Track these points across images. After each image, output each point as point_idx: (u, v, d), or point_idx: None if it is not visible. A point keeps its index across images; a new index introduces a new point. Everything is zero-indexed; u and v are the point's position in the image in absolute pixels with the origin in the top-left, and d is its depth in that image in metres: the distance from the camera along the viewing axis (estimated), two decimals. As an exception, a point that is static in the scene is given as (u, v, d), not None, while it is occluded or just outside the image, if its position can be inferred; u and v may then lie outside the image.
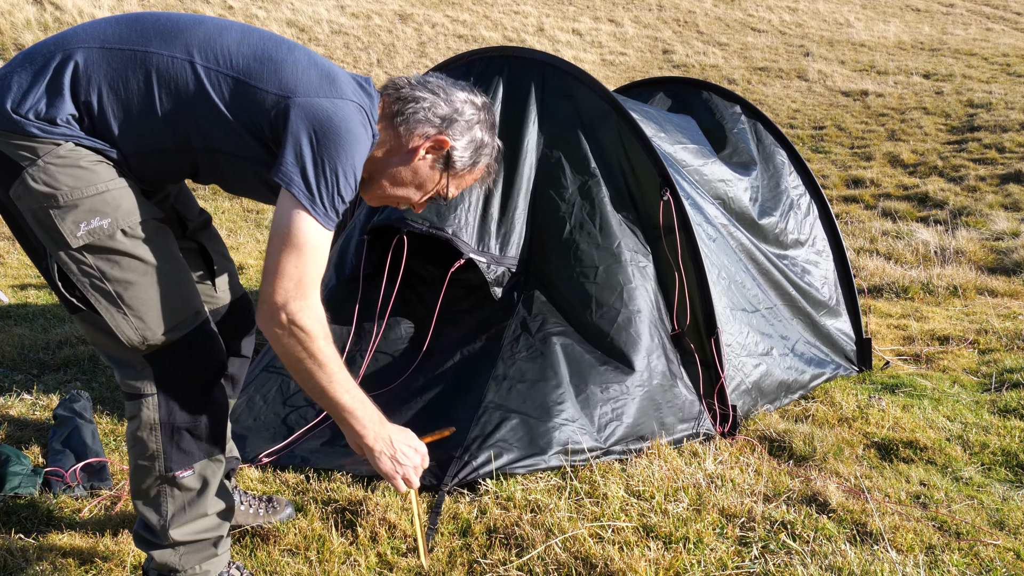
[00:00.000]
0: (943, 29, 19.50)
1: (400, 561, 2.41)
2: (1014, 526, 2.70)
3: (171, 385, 1.98)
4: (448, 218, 3.46)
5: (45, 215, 1.83)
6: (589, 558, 2.39)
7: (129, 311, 1.90)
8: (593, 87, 3.65)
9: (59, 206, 1.82)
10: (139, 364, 1.96)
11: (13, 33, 12.08)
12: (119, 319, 1.90)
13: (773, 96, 14.43)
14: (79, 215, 1.83)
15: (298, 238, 1.82)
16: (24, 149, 1.80)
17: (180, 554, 2.06)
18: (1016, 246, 7.13)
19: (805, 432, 3.32)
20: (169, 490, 2.02)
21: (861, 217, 8.86)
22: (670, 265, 3.48)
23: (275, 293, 1.82)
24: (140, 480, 2.02)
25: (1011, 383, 4.09)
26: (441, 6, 18.81)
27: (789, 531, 2.58)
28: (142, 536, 2.08)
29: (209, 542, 2.10)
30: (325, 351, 1.88)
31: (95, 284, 1.88)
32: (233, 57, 1.89)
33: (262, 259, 3.19)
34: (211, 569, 2.11)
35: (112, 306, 1.90)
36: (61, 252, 1.86)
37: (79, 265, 1.87)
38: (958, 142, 11.42)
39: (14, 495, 2.69)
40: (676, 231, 3.45)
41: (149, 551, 2.07)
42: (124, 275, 1.90)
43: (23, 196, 1.83)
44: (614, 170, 3.60)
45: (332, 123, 1.85)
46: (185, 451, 2.01)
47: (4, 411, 3.45)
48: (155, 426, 1.98)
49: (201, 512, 2.06)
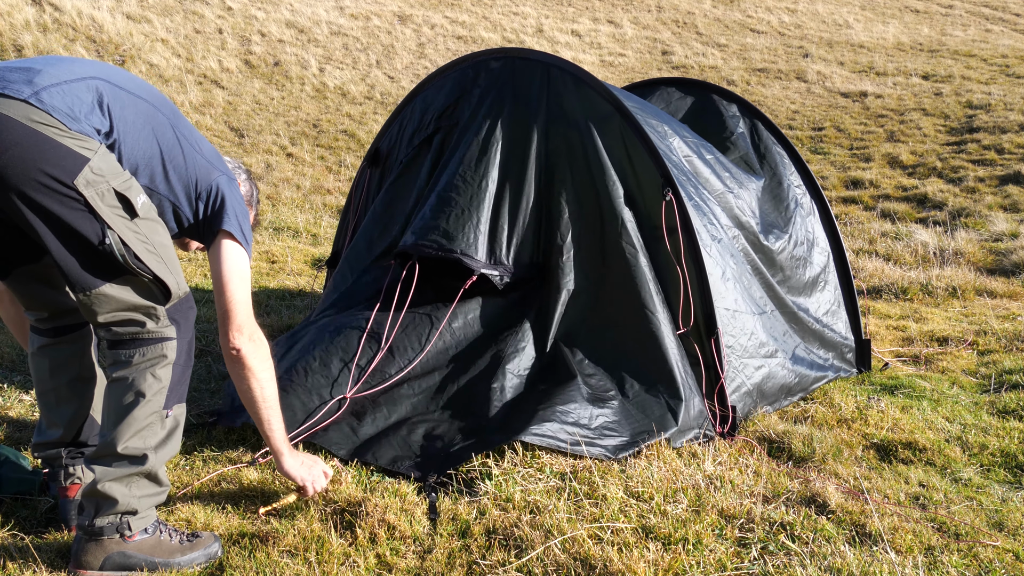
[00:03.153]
0: (942, 30, 19.51)
1: (399, 562, 2.41)
2: (1013, 527, 2.70)
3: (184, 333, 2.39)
4: (457, 238, 3.50)
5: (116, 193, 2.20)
6: (588, 559, 2.39)
7: (171, 266, 2.33)
8: (596, 88, 3.66)
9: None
10: (163, 315, 2.33)
11: (12, 34, 12.07)
12: (167, 274, 2.31)
13: (772, 97, 14.43)
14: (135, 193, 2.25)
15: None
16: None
17: (141, 495, 2.32)
18: (1015, 247, 7.13)
19: (804, 433, 3.32)
20: (159, 423, 2.33)
21: (860, 218, 8.87)
22: (672, 266, 3.49)
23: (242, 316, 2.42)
24: (136, 415, 2.28)
25: (1010, 384, 4.09)
26: (440, 7, 18.82)
27: (788, 532, 2.58)
28: (112, 476, 2.28)
29: (161, 491, 2.39)
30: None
31: (148, 248, 2.26)
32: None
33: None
34: (150, 516, 2.38)
35: (161, 264, 2.30)
36: (125, 224, 2.21)
37: (135, 233, 2.23)
38: (957, 143, 11.42)
39: (13, 496, 2.69)
40: (678, 231, 3.46)
41: (113, 495, 2.28)
42: (160, 239, 2.32)
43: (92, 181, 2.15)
44: (617, 171, 3.61)
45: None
46: (177, 392, 2.37)
47: (3, 412, 3.45)
48: (171, 364, 2.33)
49: (172, 450, 2.38)
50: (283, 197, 9.25)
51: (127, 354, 2.29)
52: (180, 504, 2.70)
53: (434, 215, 3.56)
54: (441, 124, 3.89)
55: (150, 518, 2.38)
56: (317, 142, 11.71)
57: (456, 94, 3.90)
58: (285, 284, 6.06)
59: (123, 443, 2.27)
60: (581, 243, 3.59)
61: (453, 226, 3.52)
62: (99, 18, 13.17)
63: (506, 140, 3.67)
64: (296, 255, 6.96)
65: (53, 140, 2.09)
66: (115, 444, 2.27)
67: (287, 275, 6.36)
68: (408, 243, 3.54)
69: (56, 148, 2.10)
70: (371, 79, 14.37)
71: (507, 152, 3.67)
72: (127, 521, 2.31)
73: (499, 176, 3.65)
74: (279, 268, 6.58)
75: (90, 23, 13.02)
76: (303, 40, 15.41)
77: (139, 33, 13.31)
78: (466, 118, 3.79)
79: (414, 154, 3.97)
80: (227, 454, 3.09)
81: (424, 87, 4.09)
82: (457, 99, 3.89)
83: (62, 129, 2.11)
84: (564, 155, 3.66)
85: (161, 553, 2.36)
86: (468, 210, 3.54)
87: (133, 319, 2.29)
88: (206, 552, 2.41)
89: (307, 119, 12.69)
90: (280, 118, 12.48)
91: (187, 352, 2.40)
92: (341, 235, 4.34)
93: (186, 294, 2.39)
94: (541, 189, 3.66)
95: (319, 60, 14.69)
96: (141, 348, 2.30)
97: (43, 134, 2.08)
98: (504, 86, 3.76)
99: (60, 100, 2.15)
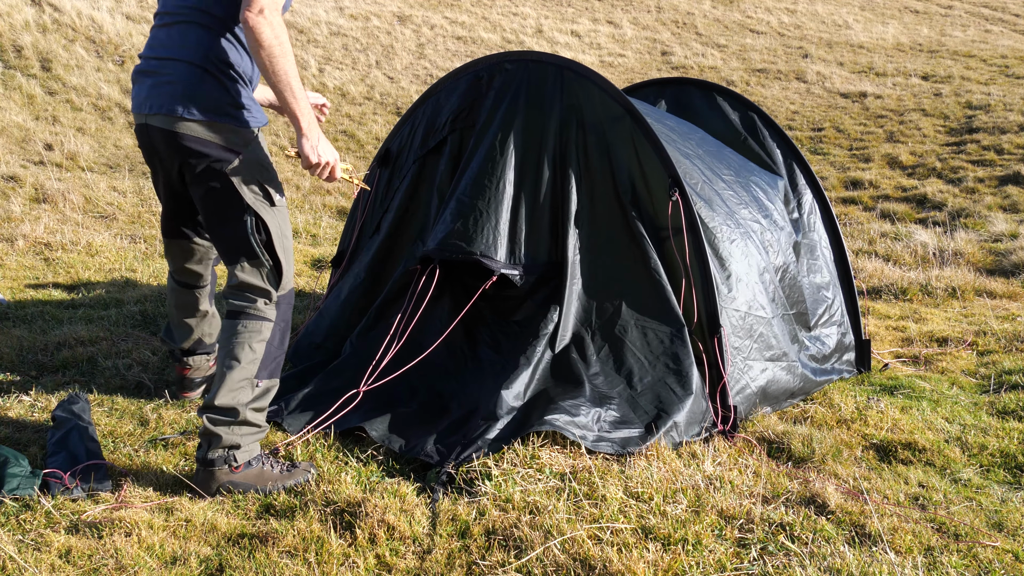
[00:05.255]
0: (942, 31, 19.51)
1: (399, 563, 2.41)
2: (1012, 527, 2.70)
3: (282, 319, 2.92)
4: (476, 240, 3.59)
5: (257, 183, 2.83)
6: (588, 559, 2.39)
7: (287, 259, 2.90)
8: (608, 90, 3.71)
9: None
10: (272, 300, 2.89)
11: (12, 35, 12.07)
12: (286, 265, 2.89)
13: (772, 98, 14.44)
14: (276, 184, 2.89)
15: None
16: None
17: (241, 435, 2.84)
18: (1014, 248, 7.13)
19: (804, 434, 3.32)
20: (250, 388, 2.85)
21: (860, 219, 8.87)
22: (677, 265, 3.54)
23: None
24: (232, 377, 2.81)
25: (1010, 385, 4.09)
26: (440, 8, 18.81)
27: (788, 532, 2.58)
28: (217, 421, 2.81)
29: (260, 431, 2.92)
30: (290, 48, 2.64)
31: (276, 238, 2.86)
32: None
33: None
34: (254, 449, 2.90)
35: (284, 256, 2.89)
36: (262, 209, 2.83)
37: (273, 220, 2.86)
38: (957, 144, 11.43)
39: (13, 496, 2.69)
40: (684, 232, 3.48)
41: (219, 433, 2.80)
42: (287, 231, 2.92)
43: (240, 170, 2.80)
44: (626, 172, 3.66)
45: None
46: (268, 368, 2.90)
47: (3, 412, 3.44)
48: (265, 341, 2.86)
49: (262, 407, 2.90)
50: (283, 198, 9.25)
51: (237, 325, 2.86)
52: (180, 504, 2.70)
53: (454, 219, 3.64)
54: (456, 126, 3.95)
55: (253, 452, 2.89)
56: (317, 142, 11.71)
57: (471, 97, 3.95)
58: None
59: (220, 399, 2.79)
60: (594, 243, 3.66)
61: (472, 229, 3.61)
62: (99, 18, 13.17)
63: (521, 142, 3.74)
64: (296, 255, 6.97)
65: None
66: (214, 399, 2.80)
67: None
68: (431, 248, 3.64)
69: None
70: (370, 79, 14.37)
71: (522, 154, 3.73)
72: (233, 454, 2.83)
73: (516, 178, 3.71)
74: (279, 268, 6.58)
75: (90, 23, 13.02)
76: (302, 40, 15.41)
77: (139, 34, 13.31)
78: (481, 121, 3.84)
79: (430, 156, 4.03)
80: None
81: (437, 89, 4.12)
82: (472, 102, 3.94)
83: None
84: (577, 156, 3.72)
85: (263, 481, 2.86)
86: (487, 213, 3.63)
87: (249, 296, 2.88)
88: (305, 477, 2.91)
89: (307, 119, 12.68)
90: (279, 119, 12.48)
91: (281, 335, 2.92)
92: (348, 234, 4.36)
93: (291, 290, 2.94)
94: (556, 190, 3.72)
95: (319, 60, 14.68)
96: (248, 320, 2.85)
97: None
98: (519, 89, 3.81)
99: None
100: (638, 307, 3.54)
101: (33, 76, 11.49)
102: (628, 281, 3.58)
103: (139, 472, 2.94)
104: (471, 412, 3.35)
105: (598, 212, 3.68)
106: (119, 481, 2.87)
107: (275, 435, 3.29)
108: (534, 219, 3.70)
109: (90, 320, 4.87)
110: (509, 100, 3.79)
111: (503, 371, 3.46)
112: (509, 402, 3.30)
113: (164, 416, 3.43)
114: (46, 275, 5.99)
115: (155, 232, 7.40)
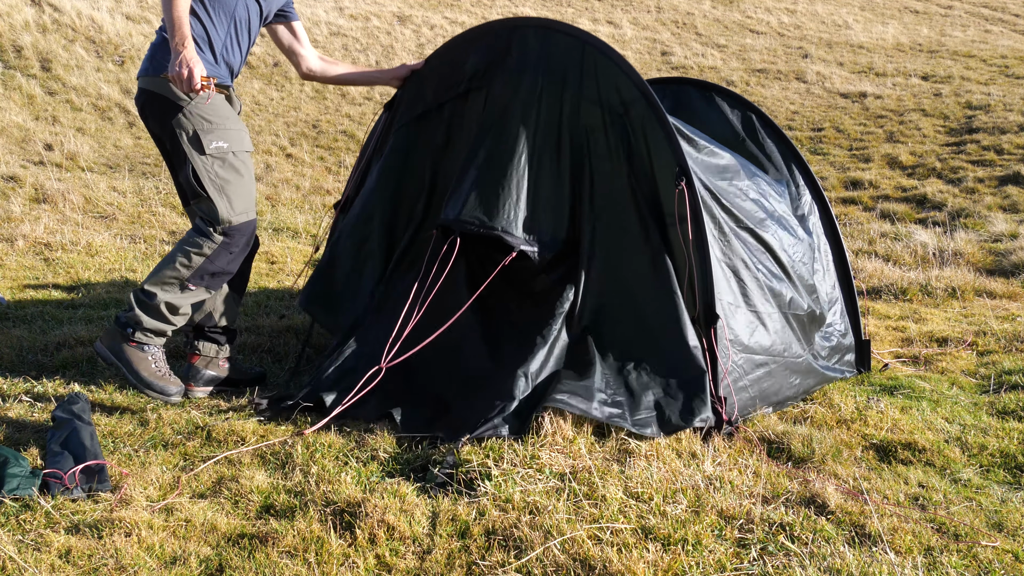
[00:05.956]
0: (941, 31, 19.52)
1: (399, 563, 2.41)
2: (1012, 528, 2.70)
3: (229, 244, 3.52)
4: (497, 215, 3.64)
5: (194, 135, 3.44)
6: (588, 560, 2.39)
7: (222, 198, 3.48)
8: (626, 71, 3.72)
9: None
10: (217, 227, 3.49)
11: (12, 35, 12.07)
12: (220, 203, 3.47)
13: (771, 98, 14.43)
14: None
15: None
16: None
17: (146, 319, 3.46)
18: (1014, 248, 7.13)
19: (804, 434, 3.32)
20: (179, 287, 3.50)
21: (859, 219, 8.87)
22: (681, 253, 3.57)
23: None
24: (165, 271, 3.47)
25: (1009, 385, 4.09)
26: (440, 8, 18.81)
27: (788, 533, 2.58)
28: (138, 298, 3.48)
29: (163, 326, 3.52)
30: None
31: (206, 181, 3.46)
32: None
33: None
34: (152, 340, 3.51)
35: (218, 195, 3.47)
36: (193, 157, 3.44)
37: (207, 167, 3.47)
38: (956, 144, 11.43)
39: (13, 497, 2.69)
40: (688, 220, 3.51)
41: (133, 305, 3.46)
42: (229, 175, 3.50)
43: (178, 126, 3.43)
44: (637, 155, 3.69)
45: None
46: (205, 280, 3.52)
47: (2, 412, 3.45)
48: (204, 256, 3.48)
49: (180, 307, 3.53)
50: (283, 198, 9.25)
51: (187, 235, 3.51)
52: (180, 504, 2.70)
53: (473, 191, 3.68)
54: (472, 86, 3.95)
55: (152, 341, 3.50)
56: (316, 143, 11.71)
57: (488, 58, 3.93)
58: (284, 284, 6.06)
59: (148, 284, 3.47)
60: (608, 224, 3.70)
61: (493, 203, 3.66)
62: (98, 19, 13.17)
63: (541, 117, 3.76)
64: (295, 256, 6.96)
65: None
66: (145, 282, 3.48)
67: (286, 275, 6.36)
68: (450, 218, 3.68)
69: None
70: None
71: (542, 129, 3.76)
72: (132, 330, 3.46)
73: (535, 154, 3.74)
74: (279, 268, 6.58)
75: (89, 23, 13.01)
76: (303, 41, 15.40)
77: (138, 34, 13.31)
78: (499, 89, 3.84)
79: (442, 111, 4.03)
80: (227, 455, 3.09)
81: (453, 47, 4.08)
82: (488, 64, 3.93)
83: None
84: (593, 134, 3.74)
85: (139, 365, 3.45)
86: (508, 188, 3.67)
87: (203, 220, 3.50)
88: (173, 391, 3.49)
89: (306, 120, 12.70)
90: (279, 119, 12.49)
91: (228, 257, 3.54)
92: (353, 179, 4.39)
93: (242, 224, 3.53)
94: (574, 167, 3.76)
95: (319, 61, 14.67)
96: (205, 227, 3.49)
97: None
98: (539, 60, 3.81)
99: None
100: (646, 291, 3.58)
101: (33, 76, 11.49)
102: (638, 265, 3.63)
103: (139, 472, 2.94)
104: (487, 389, 3.41)
105: (613, 193, 3.70)
106: (119, 481, 2.87)
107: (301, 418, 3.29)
108: (552, 196, 3.73)
109: (90, 320, 4.87)
110: (529, 71, 3.79)
111: (519, 350, 3.52)
112: (525, 382, 3.37)
113: (164, 416, 3.43)
114: (46, 275, 5.99)
115: (155, 232, 7.40)
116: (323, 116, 12.85)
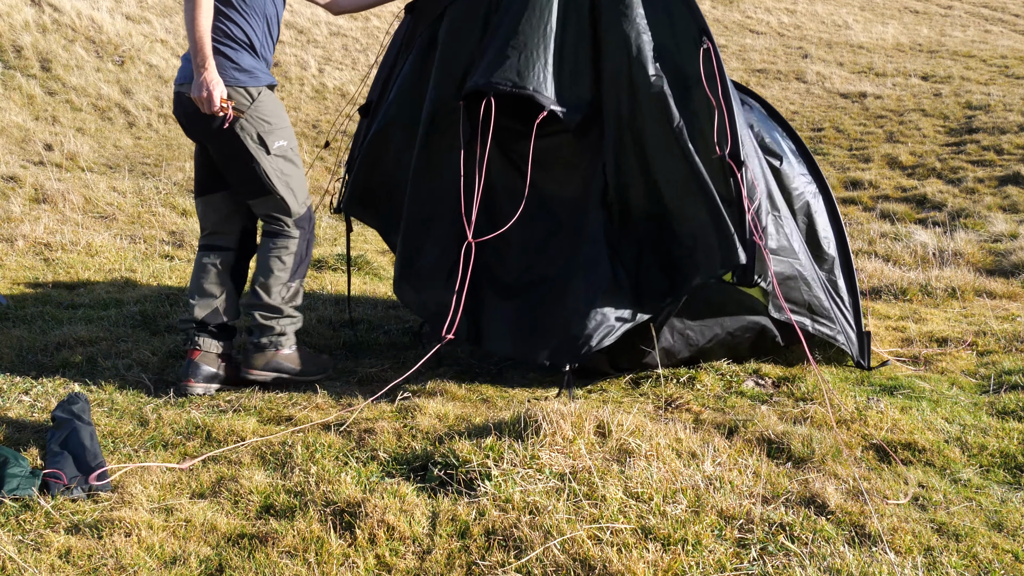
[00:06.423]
0: (941, 31, 19.52)
1: (399, 563, 2.41)
2: (1012, 528, 2.70)
3: (305, 232, 3.86)
4: (528, 76, 3.75)
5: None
6: (588, 560, 2.39)
7: (289, 192, 3.78)
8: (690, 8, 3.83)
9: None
10: (290, 222, 3.81)
11: (12, 35, 12.07)
12: (289, 197, 3.77)
13: (771, 98, 14.43)
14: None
15: None
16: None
17: (285, 326, 3.84)
18: (1014, 248, 7.13)
19: (803, 434, 3.32)
20: (286, 289, 3.81)
21: (859, 219, 8.87)
22: (702, 111, 3.68)
23: None
24: (271, 282, 3.78)
25: (1009, 385, 4.09)
26: (440, 8, 18.80)
27: (787, 533, 2.58)
28: (267, 316, 3.81)
29: (296, 320, 3.90)
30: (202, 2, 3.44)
31: (274, 178, 3.72)
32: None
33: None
34: (289, 332, 3.87)
35: (285, 190, 3.75)
36: (260, 156, 3.67)
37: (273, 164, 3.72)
38: (956, 144, 11.43)
39: (12, 497, 2.69)
40: (716, 75, 3.63)
41: (271, 325, 3.80)
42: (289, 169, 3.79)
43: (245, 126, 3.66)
44: (655, 23, 3.80)
45: None
46: (299, 273, 3.84)
47: (3, 412, 3.45)
48: (293, 253, 3.81)
49: (297, 302, 3.89)
50: (282, 198, 9.25)
51: (269, 243, 3.79)
52: (180, 504, 2.70)
53: (502, 55, 3.77)
54: None
55: (293, 340, 3.86)
56: (316, 143, 11.71)
57: None
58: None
59: (269, 300, 3.77)
60: (626, 92, 3.78)
61: (523, 65, 3.76)
62: (98, 19, 13.16)
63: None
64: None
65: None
66: (261, 300, 3.78)
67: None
68: (480, 83, 3.76)
69: None
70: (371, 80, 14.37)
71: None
72: (280, 340, 3.81)
73: (560, 18, 3.84)
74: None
75: (89, 24, 13.01)
76: (302, 41, 15.41)
77: (138, 34, 13.31)
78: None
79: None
80: (227, 455, 3.09)
81: None
82: None
83: None
84: (615, 4, 3.83)
85: (298, 365, 3.84)
86: (536, 51, 3.78)
87: (278, 215, 3.80)
88: (326, 365, 3.99)
89: (306, 120, 12.70)
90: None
91: (307, 247, 3.87)
92: (376, 85, 4.50)
93: (307, 209, 3.86)
94: (596, 33, 3.86)
95: (318, 61, 14.69)
96: (276, 238, 3.79)
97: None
98: None
99: None
100: (672, 161, 3.70)
101: (33, 76, 11.49)
102: (660, 135, 3.71)
103: (139, 472, 2.94)
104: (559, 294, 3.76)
105: (634, 66, 3.76)
106: (119, 481, 2.87)
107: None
108: (576, 61, 3.84)
109: (90, 320, 4.87)
110: None
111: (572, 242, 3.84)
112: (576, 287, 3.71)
113: (164, 416, 3.43)
114: (46, 275, 5.99)
115: (155, 232, 7.40)
116: (323, 116, 12.85)
